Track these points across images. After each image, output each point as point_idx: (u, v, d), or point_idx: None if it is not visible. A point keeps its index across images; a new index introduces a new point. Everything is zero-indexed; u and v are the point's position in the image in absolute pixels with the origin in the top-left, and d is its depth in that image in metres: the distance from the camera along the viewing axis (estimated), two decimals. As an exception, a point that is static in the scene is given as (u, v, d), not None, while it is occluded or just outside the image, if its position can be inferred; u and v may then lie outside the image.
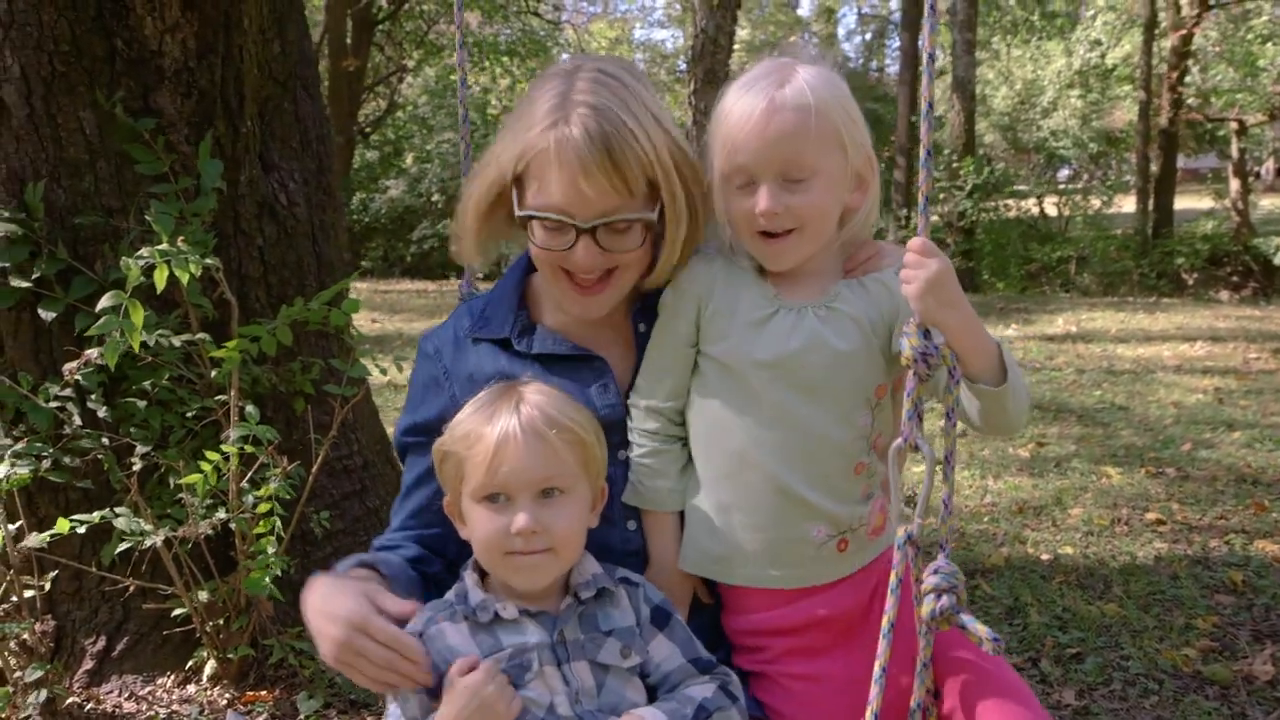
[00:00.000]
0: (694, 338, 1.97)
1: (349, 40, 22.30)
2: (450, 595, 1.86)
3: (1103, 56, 27.02)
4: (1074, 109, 28.18)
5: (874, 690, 1.71)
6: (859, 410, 1.91)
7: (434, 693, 1.74)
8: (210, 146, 3.36)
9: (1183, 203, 25.62)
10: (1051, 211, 25.45)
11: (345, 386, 3.37)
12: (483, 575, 1.87)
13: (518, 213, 1.94)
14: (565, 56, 32.52)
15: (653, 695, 1.83)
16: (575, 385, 2.01)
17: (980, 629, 1.64)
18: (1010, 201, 22.73)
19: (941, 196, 19.99)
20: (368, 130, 24.38)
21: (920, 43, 1.64)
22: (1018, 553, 4.75)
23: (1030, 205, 24.63)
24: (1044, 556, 4.69)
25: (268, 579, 3.17)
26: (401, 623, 1.77)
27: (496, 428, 1.77)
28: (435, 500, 2.04)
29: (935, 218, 21.29)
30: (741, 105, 1.81)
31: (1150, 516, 5.18)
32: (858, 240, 1.99)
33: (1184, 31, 21.97)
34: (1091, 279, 21.64)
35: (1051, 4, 29.80)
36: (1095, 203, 25.22)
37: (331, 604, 1.78)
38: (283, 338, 3.18)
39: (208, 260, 2.98)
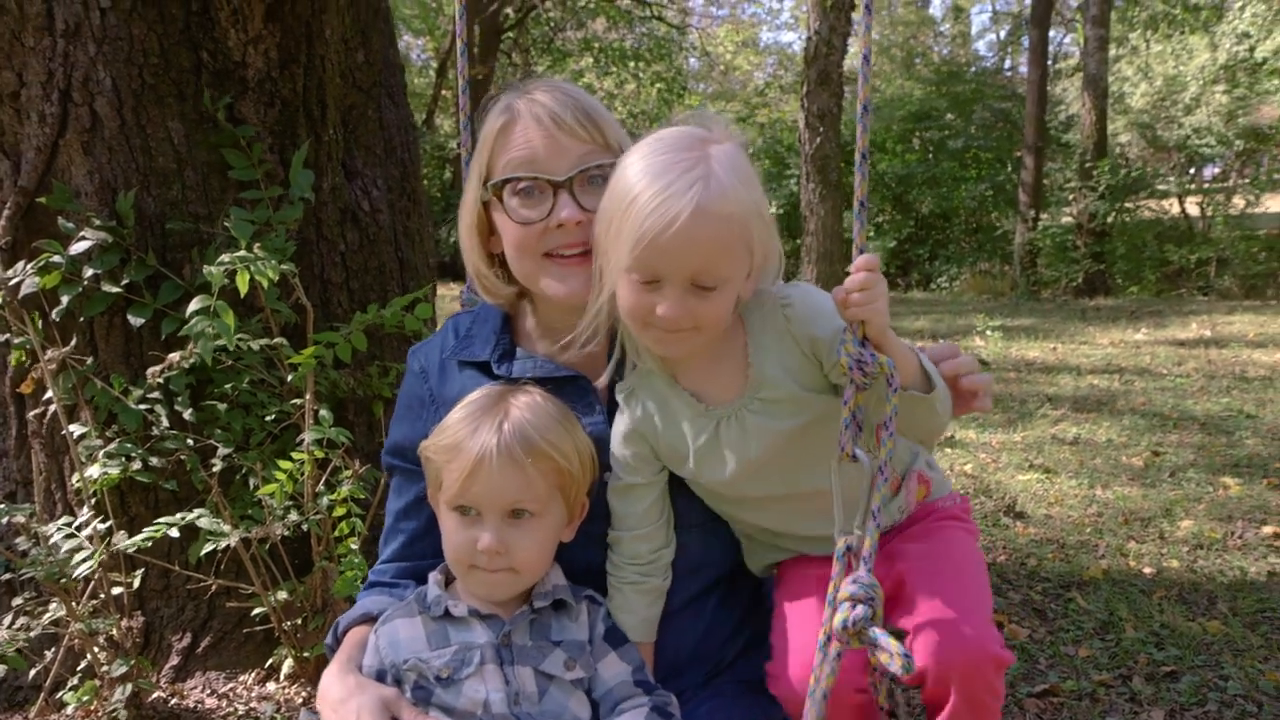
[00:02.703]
0: (658, 466, 1.94)
1: (476, 49, 22.66)
2: (411, 595, 1.93)
3: (1251, 50, 25.84)
4: (1219, 105, 27.01)
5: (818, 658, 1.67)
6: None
7: None
8: (302, 157, 3.44)
9: (1334, 201, 24.36)
10: (1194, 211, 24.41)
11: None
12: (449, 580, 1.93)
13: (491, 181, 1.92)
14: (691, 61, 32.51)
15: (596, 711, 1.84)
16: None
17: (892, 644, 1.57)
18: (1151, 203, 21.93)
19: (1072, 198, 19.40)
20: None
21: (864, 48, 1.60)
22: (1118, 566, 4.56)
23: (1170, 206, 23.68)
24: (1146, 570, 4.50)
25: (359, 580, 3.24)
26: None
27: (476, 445, 1.79)
28: (425, 530, 2.05)
29: (1067, 218, 20.66)
30: (663, 208, 1.65)
31: (1267, 530, 4.94)
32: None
33: (1339, 21, 20.91)
34: (1233, 282, 20.66)
35: (1193, -3, 28.65)
36: (1239, 202, 24.11)
37: (346, 710, 1.76)
38: (357, 343, 3.25)
39: (284, 266, 3.06)
